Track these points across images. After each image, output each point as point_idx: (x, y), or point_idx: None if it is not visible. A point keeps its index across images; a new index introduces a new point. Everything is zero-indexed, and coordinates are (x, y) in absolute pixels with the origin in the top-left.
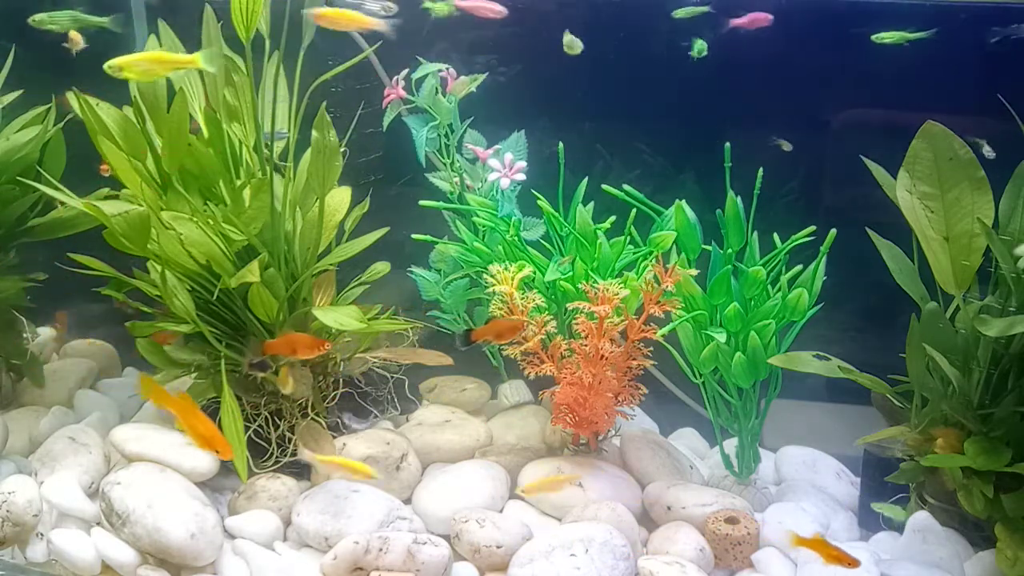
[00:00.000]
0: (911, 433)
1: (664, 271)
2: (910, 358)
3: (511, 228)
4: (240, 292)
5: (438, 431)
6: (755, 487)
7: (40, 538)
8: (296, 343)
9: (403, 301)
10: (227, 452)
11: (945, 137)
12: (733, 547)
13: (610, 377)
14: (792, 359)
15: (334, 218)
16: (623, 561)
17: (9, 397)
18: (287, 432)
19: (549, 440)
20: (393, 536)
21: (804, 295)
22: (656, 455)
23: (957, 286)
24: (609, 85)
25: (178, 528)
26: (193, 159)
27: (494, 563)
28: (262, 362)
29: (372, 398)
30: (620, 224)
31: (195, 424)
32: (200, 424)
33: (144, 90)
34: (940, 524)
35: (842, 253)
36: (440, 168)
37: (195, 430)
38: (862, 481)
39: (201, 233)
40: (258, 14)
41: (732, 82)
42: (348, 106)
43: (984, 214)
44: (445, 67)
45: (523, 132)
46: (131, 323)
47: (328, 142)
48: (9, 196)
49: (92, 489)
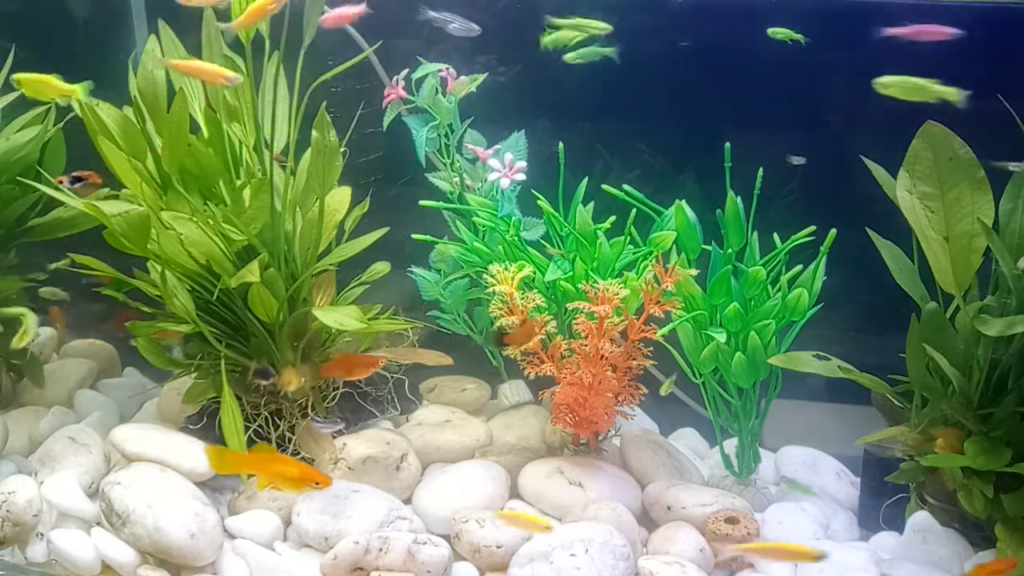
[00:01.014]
0: (911, 433)
1: (664, 271)
2: (910, 358)
3: (511, 228)
4: (240, 292)
5: (438, 431)
6: (755, 487)
7: (40, 538)
8: (353, 364)
9: (403, 301)
10: (327, 481)
11: (945, 137)
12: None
13: (610, 377)
14: (792, 359)
15: (334, 218)
16: (623, 561)
17: (9, 397)
18: (287, 432)
19: (549, 440)
20: (393, 536)
21: (804, 295)
22: (656, 455)
23: (957, 286)
24: (609, 85)
25: (178, 528)
26: (193, 159)
27: (494, 563)
28: (264, 369)
29: (372, 398)
30: (620, 224)
31: (282, 470)
32: (286, 468)
33: (144, 90)
34: (940, 524)
35: (842, 253)
36: (440, 168)
37: (285, 475)
38: (862, 481)
39: (201, 233)
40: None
41: (732, 82)
42: (348, 106)
43: (984, 214)
44: (445, 67)
45: (523, 132)
46: (131, 323)
47: (328, 142)
48: (9, 196)
49: (92, 489)
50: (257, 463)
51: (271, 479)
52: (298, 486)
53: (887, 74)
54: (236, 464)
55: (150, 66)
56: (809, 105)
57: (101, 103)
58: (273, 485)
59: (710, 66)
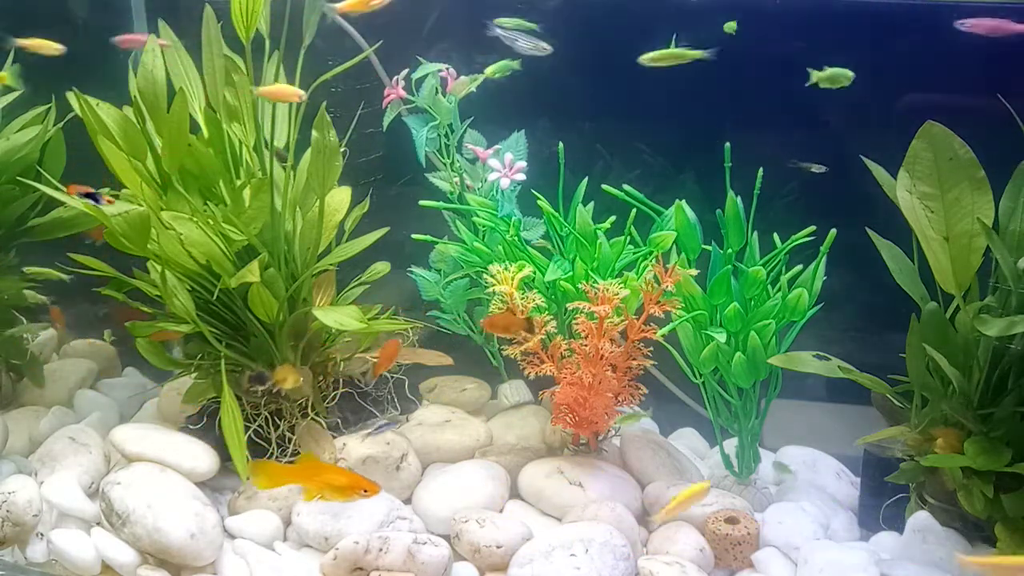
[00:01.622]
0: (911, 433)
1: (664, 271)
2: (910, 358)
3: (511, 228)
4: (240, 292)
5: (438, 431)
6: (755, 487)
7: (40, 538)
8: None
9: (403, 301)
10: (375, 489)
11: (945, 137)
12: (733, 547)
13: (610, 377)
14: (792, 359)
15: (334, 218)
16: (623, 561)
17: (9, 397)
18: (287, 432)
19: (549, 440)
20: (393, 536)
21: (804, 295)
22: (656, 455)
23: (957, 286)
24: (609, 85)
25: (178, 528)
26: (193, 159)
27: (494, 563)
28: (260, 375)
29: (372, 398)
30: (620, 224)
31: (330, 480)
32: (335, 477)
33: (144, 90)
34: (940, 524)
35: (842, 253)
36: (440, 168)
37: (333, 485)
38: (862, 481)
39: (201, 233)
40: (258, 14)
41: (732, 82)
42: (348, 106)
43: (984, 214)
44: (445, 67)
45: (523, 132)
46: (131, 323)
47: (328, 142)
48: (9, 196)
49: (92, 489)
50: (304, 474)
51: (319, 489)
52: (346, 495)
53: (893, 76)
54: (282, 476)
55: (150, 66)
56: (809, 105)
57: (101, 103)
58: (321, 496)
59: (710, 66)
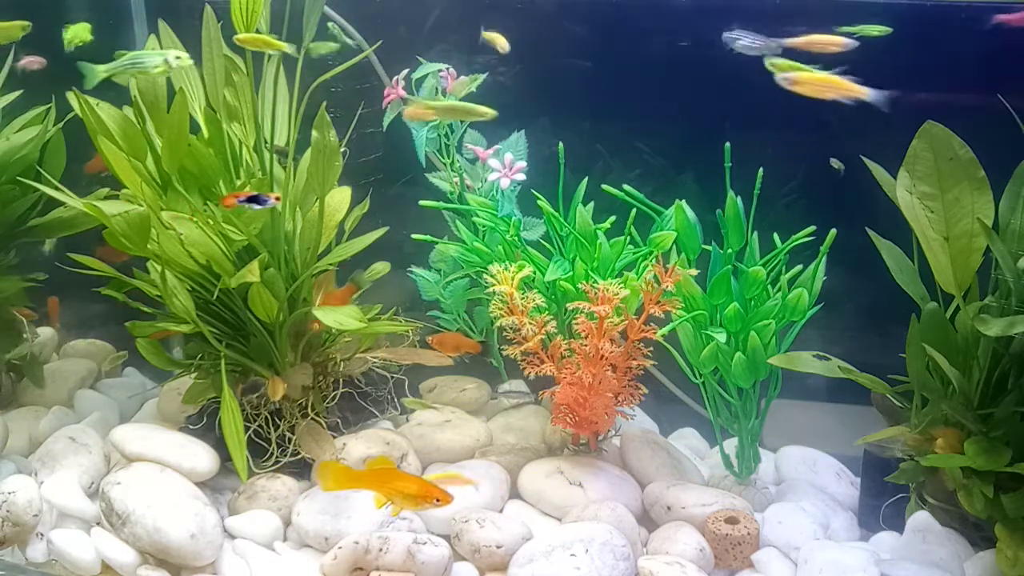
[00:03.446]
0: (911, 433)
1: (664, 271)
2: (910, 358)
3: (511, 228)
4: (240, 292)
5: (438, 431)
6: (755, 487)
7: (40, 538)
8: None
9: (403, 301)
10: (448, 499)
11: (945, 137)
12: (733, 547)
13: (610, 377)
14: (792, 359)
15: (334, 218)
16: (623, 561)
17: (9, 397)
18: (287, 432)
19: (549, 440)
20: (393, 536)
21: (804, 295)
22: (656, 455)
23: (957, 286)
24: (609, 85)
25: (178, 528)
26: (193, 159)
27: (494, 563)
28: (254, 384)
29: (372, 398)
30: (620, 224)
31: (402, 487)
32: (406, 484)
33: (144, 90)
34: (940, 524)
35: (842, 253)
36: (440, 168)
37: (404, 492)
38: (862, 481)
39: (201, 233)
40: (258, 14)
41: (732, 81)
42: (348, 106)
43: (984, 214)
44: (445, 67)
45: (523, 132)
46: (131, 323)
47: (328, 142)
48: (9, 196)
49: (92, 489)
50: (375, 479)
51: (389, 496)
52: (417, 503)
53: (890, 76)
54: (353, 480)
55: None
56: (809, 105)
57: (101, 103)
58: (392, 502)
59: (710, 65)
